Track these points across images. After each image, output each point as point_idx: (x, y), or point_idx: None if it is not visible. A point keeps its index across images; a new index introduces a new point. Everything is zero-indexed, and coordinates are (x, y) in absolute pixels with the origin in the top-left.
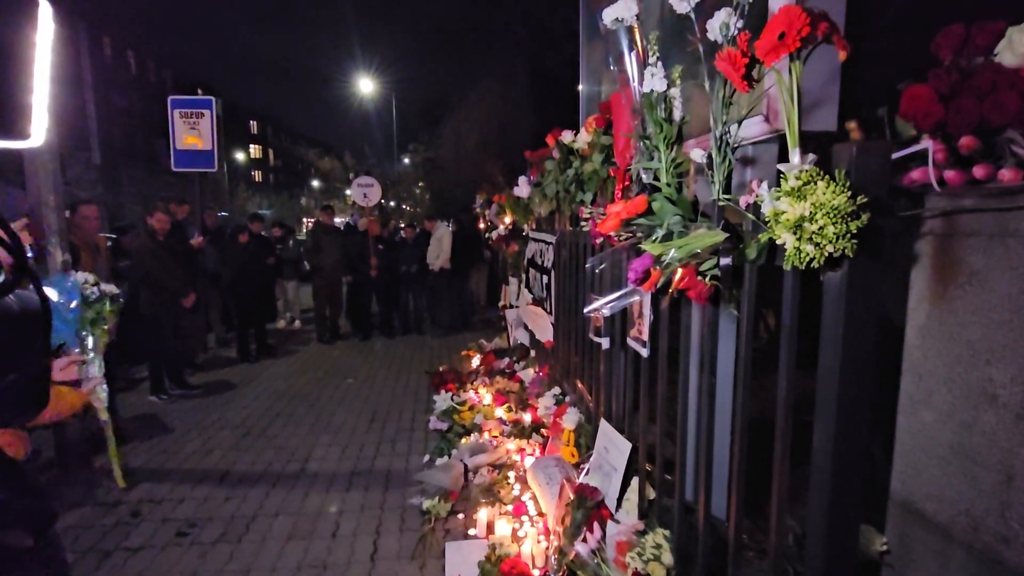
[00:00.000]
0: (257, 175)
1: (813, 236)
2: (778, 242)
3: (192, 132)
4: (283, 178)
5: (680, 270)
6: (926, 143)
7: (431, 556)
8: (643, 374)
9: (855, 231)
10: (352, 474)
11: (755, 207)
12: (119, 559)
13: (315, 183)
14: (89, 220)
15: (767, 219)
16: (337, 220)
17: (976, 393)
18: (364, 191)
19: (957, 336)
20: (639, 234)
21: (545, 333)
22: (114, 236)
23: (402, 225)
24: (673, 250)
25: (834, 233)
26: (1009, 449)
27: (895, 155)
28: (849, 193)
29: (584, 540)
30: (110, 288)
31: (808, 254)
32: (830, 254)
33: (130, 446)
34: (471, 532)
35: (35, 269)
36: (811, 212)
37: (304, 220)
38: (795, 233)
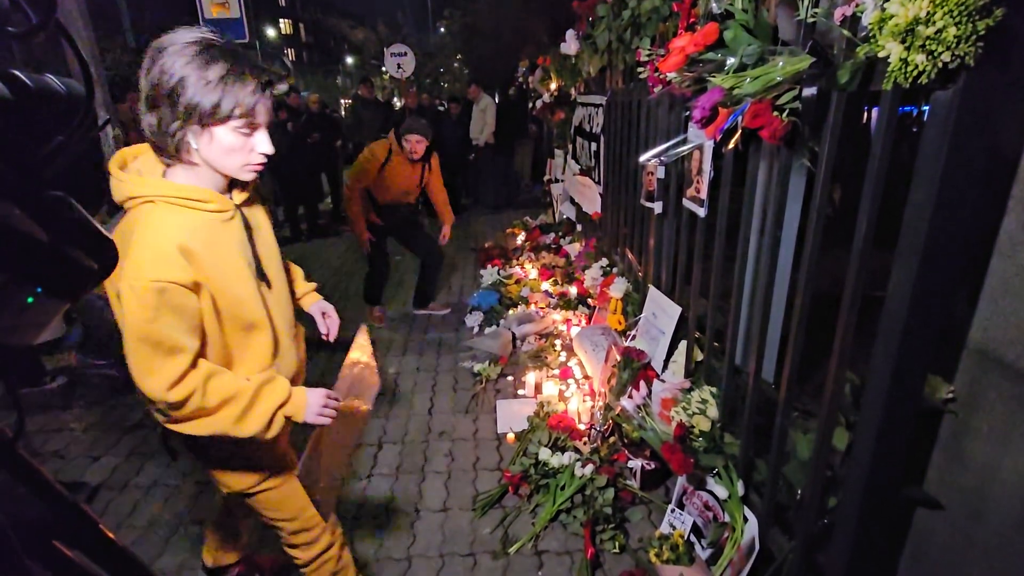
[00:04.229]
0: (291, 53)
1: (927, 43)
2: (880, 55)
3: None
4: (317, 56)
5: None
6: None
7: (483, 412)
8: (697, 241)
9: (983, 31)
10: (407, 340)
11: (853, 20)
12: None
13: (349, 59)
14: None
15: (869, 29)
16: None
17: None
18: (398, 61)
19: None
20: (706, 76)
21: (593, 204)
22: None
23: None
24: (748, 80)
25: (955, 36)
26: None
27: None
28: None
29: (630, 397)
30: None
31: (917, 66)
32: (944, 64)
33: None
34: (520, 393)
35: (78, 46)
36: (928, 12)
37: (342, 101)
38: (903, 41)
